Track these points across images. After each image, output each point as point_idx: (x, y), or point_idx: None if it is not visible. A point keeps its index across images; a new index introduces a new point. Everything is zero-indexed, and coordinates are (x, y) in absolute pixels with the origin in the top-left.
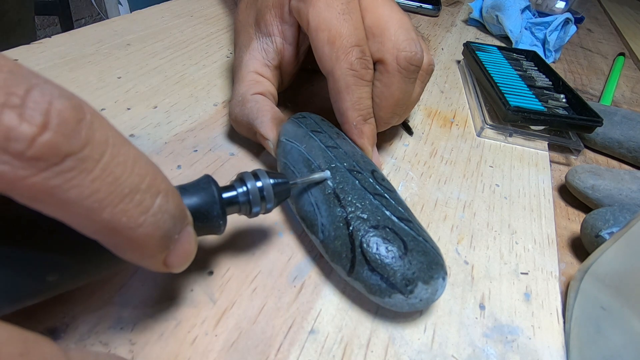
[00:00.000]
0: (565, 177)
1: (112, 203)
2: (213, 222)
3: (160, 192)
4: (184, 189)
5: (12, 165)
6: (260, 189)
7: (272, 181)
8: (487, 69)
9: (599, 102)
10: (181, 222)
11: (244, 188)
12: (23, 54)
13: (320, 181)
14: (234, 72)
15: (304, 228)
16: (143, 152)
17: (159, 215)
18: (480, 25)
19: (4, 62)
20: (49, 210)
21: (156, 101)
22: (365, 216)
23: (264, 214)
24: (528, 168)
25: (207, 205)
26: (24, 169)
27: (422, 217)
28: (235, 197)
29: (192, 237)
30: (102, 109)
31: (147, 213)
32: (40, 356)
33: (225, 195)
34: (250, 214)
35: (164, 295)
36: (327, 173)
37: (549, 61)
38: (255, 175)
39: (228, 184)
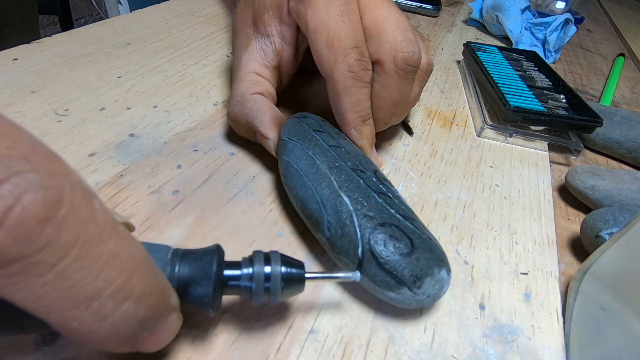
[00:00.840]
0: (565, 177)
1: (61, 309)
2: (201, 307)
3: (130, 297)
4: (185, 257)
5: None
6: (267, 276)
7: (282, 270)
8: (487, 69)
9: (598, 102)
10: (155, 321)
11: (249, 270)
12: (23, 53)
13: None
14: (232, 73)
15: (309, 226)
16: (133, 244)
17: (121, 322)
18: (480, 25)
19: None
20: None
21: (156, 101)
22: (371, 214)
23: (268, 304)
24: (528, 168)
25: (199, 286)
26: None
27: (422, 217)
28: (238, 277)
29: (172, 326)
30: (102, 109)
31: (104, 320)
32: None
33: (226, 272)
34: (252, 302)
35: None
36: (357, 275)
37: (549, 61)
38: (267, 259)
39: (238, 260)
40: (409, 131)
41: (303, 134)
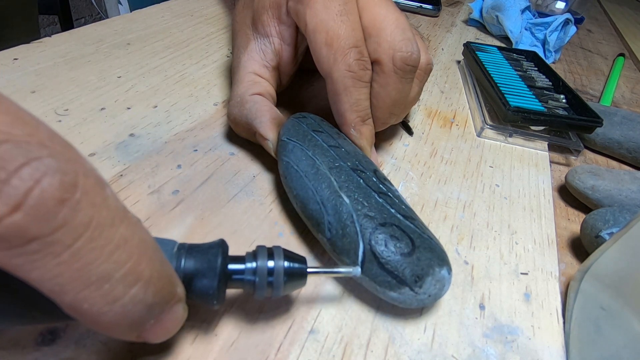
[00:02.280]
0: (565, 177)
1: (74, 289)
2: (206, 299)
3: (139, 281)
4: (191, 251)
5: None
6: (270, 271)
7: (285, 264)
8: (487, 69)
9: (598, 102)
10: (161, 307)
11: (253, 264)
12: (23, 53)
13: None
14: (232, 73)
15: (309, 226)
16: (143, 231)
17: (130, 306)
18: (480, 25)
19: (17, 132)
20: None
21: (156, 101)
22: (372, 214)
23: (271, 298)
24: (528, 168)
25: (205, 278)
26: None
27: (422, 217)
28: (241, 271)
29: (178, 315)
30: (102, 109)
31: (114, 303)
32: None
33: (231, 267)
34: (255, 295)
35: None
36: (358, 270)
37: (548, 61)
38: (271, 254)
39: (242, 255)
40: (409, 131)
41: (303, 134)
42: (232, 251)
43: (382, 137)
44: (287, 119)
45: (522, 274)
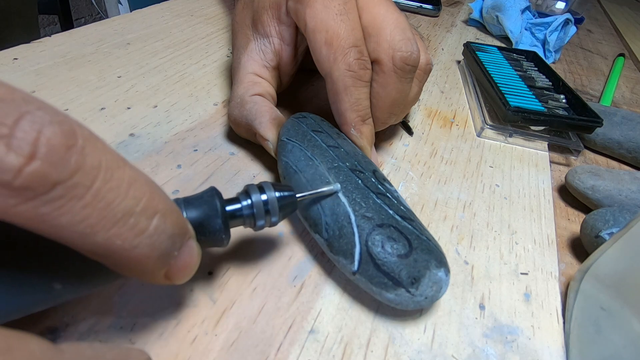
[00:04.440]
0: (565, 177)
1: (104, 227)
2: (215, 236)
3: (157, 213)
4: (187, 202)
5: (1, 195)
6: (265, 202)
7: (277, 194)
8: (487, 69)
9: (598, 102)
10: (181, 238)
11: (248, 201)
12: (23, 53)
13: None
14: (232, 74)
15: (307, 227)
16: (144, 173)
17: (155, 236)
18: (481, 25)
19: None
20: (44, 233)
21: (156, 100)
22: (369, 215)
23: (269, 227)
24: (528, 168)
25: (209, 218)
26: (12, 198)
27: (422, 217)
28: (239, 209)
29: (194, 250)
30: (102, 108)
31: (142, 235)
32: (25, 351)
33: (228, 208)
34: (255, 227)
35: (163, 295)
36: (338, 186)
37: (548, 62)
38: (261, 188)
39: (234, 196)
40: (409, 131)
41: (302, 134)
42: (233, 251)
43: (382, 137)
44: (287, 119)
45: (522, 274)
